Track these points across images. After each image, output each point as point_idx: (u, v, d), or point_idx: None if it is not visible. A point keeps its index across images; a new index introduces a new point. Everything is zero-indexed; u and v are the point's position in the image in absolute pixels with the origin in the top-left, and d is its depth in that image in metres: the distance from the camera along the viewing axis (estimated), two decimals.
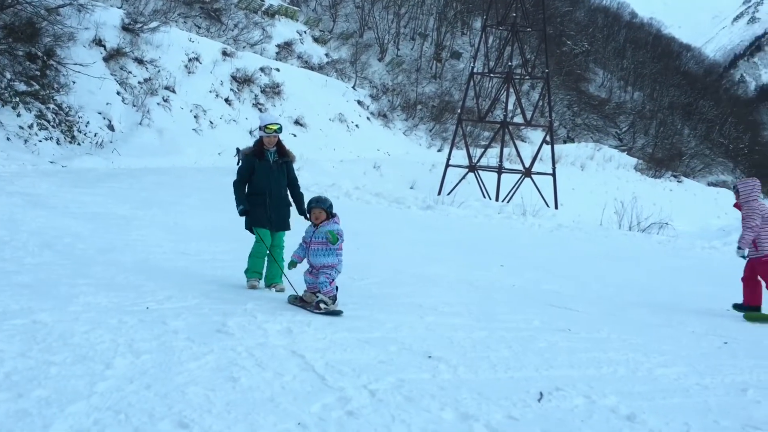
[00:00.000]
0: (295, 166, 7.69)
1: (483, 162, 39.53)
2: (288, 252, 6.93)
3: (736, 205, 8.74)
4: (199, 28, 46.42)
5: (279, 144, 7.31)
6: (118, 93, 29.79)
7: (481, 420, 3.82)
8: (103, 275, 6.97)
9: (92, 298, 5.86)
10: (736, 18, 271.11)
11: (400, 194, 22.79)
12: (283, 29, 55.19)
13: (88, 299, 5.83)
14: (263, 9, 54.63)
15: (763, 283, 8.37)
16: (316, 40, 59.86)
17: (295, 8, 60.94)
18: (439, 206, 20.55)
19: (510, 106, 45.12)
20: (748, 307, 8.38)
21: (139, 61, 32.24)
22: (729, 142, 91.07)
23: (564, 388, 4.48)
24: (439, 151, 52.74)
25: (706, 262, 14.73)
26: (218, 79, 36.90)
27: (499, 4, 44.18)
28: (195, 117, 32.94)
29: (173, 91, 32.66)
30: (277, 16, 55.69)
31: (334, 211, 6.47)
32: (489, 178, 38.02)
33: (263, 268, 7.21)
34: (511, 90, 40.17)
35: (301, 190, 7.46)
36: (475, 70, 41.29)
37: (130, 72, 31.30)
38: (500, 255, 12.57)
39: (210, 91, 35.63)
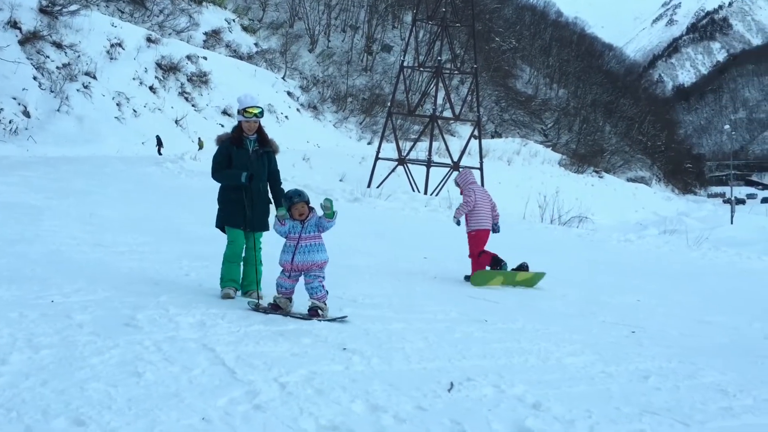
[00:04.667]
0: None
1: (412, 155, 39.85)
2: (269, 257, 6.55)
3: (461, 193, 9.86)
4: (123, 12, 44.97)
5: (260, 131, 6.44)
6: (35, 78, 28.55)
7: (390, 411, 3.83)
8: (8, 267, 6.67)
9: None
10: (656, 20, 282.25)
11: (328, 186, 22.72)
12: (211, 17, 54.11)
13: None
14: None
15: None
16: (245, 29, 58.94)
17: None
18: (367, 198, 20.60)
19: (439, 101, 45.59)
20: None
21: (58, 46, 30.98)
22: (647, 139, 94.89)
23: (475, 378, 4.54)
24: (369, 143, 52.91)
25: (621, 254, 15.26)
26: (142, 66, 35.84)
27: None
28: (117, 105, 31.93)
29: (94, 78, 31.55)
30: (204, 3, 54.49)
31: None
32: (418, 172, 38.37)
33: (240, 275, 6.50)
34: (441, 84, 40.59)
35: None
36: (405, 64, 41.51)
37: (48, 56, 30.04)
38: (424, 247, 12.69)
39: (133, 79, 34.60)
